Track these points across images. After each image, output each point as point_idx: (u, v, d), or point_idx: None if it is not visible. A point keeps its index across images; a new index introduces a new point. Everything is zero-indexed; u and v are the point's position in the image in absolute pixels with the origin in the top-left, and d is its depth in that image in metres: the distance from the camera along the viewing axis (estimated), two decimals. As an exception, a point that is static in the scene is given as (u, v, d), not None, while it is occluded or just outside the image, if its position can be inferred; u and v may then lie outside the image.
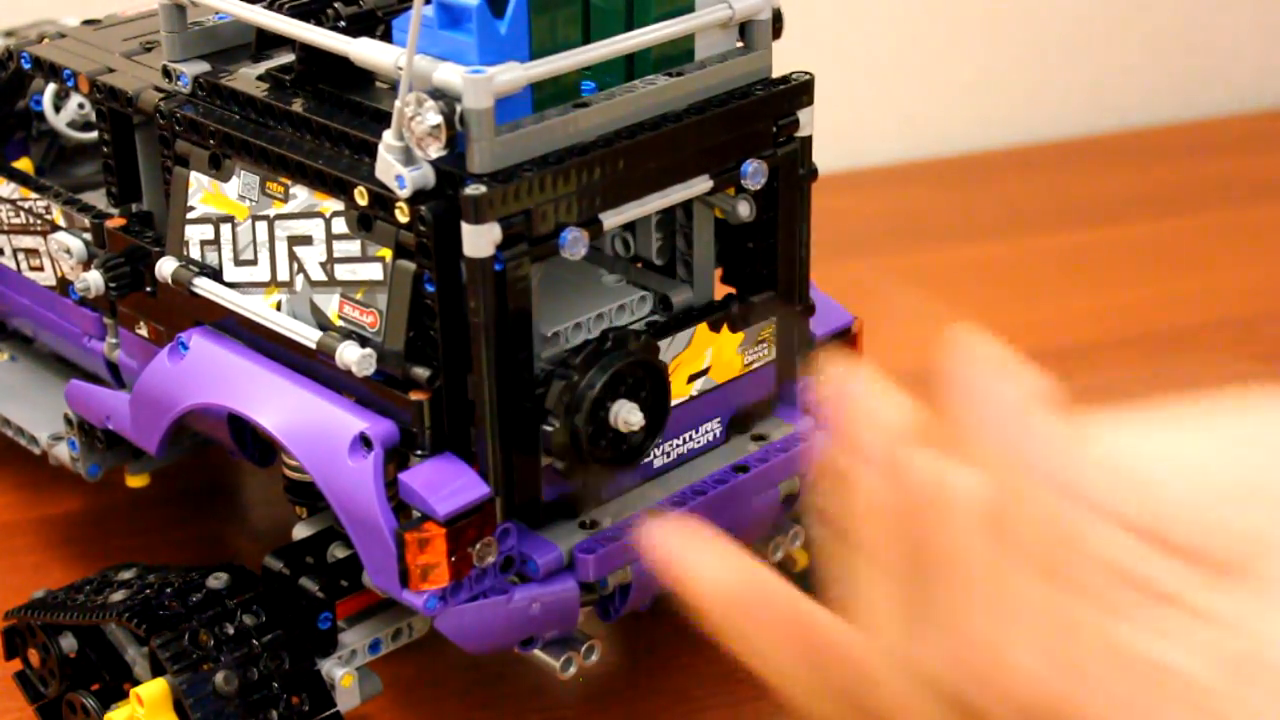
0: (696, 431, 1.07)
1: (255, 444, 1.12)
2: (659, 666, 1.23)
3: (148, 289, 1.13)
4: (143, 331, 1.14)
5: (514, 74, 0.94)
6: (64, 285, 1.20)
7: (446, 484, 0.97)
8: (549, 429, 0.97)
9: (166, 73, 1.10)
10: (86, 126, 1.32)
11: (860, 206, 1.93)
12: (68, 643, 1.14)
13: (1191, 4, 2.13)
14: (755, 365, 1.09)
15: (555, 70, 0.96)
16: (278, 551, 1.11)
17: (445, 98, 0.94)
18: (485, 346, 0.95)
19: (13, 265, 1.25)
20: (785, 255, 1.08)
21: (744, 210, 1.06)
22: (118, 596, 1.09)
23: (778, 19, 1.06)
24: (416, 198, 0.95)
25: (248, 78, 1.07)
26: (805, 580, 1.26)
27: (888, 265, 1.80)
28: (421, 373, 0.97)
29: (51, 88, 1.29)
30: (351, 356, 0.98)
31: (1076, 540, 0.64)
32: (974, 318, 1.35)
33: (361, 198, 0.98)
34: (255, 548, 1.38)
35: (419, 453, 0.99)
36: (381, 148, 0.95)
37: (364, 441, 0.98)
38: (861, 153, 2.03)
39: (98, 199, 1.20)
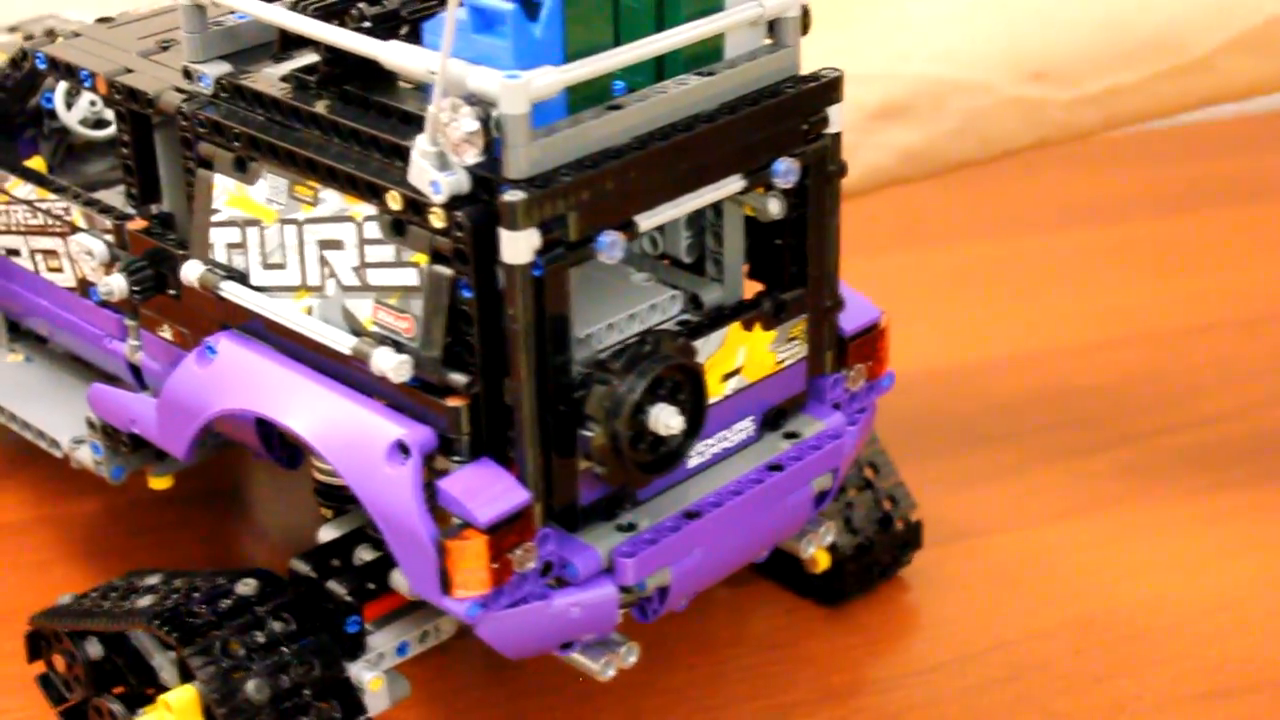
0: (730, 431, 1.07)
1: (283, 447, 1.11)
2: (659, 666, 1.23)
3: (171, 291, 1.12)
4: (166, 334, 1.13)
5: (551, 78, 0.93)
6: (84, 286, 1.19)
7: (486, 490, 0.97)
8: (589, 434, 0.97)
9: (187, 74, 1.08)
10: (98, 124, 1.30)
11: (861, 206, 1.92)
12: (93, 648, 1.13)
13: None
14: (787, 363, 1.09)
15: (592, 73, 0.95)
16: (305, 555, 1.10)
17: (480, 103, 0.93)
18: (524, 352, 0.95)
19: (30, 266, 1.24)
20: (816, 252, 1.08)
21: (774, 208, 1.06)
22: (145, 602, 1.09)
23: (806, 15, 1.05)
24: (452, 203, 0.94)
25: (271, 79, 1.06)
26: (827, 583, 1.27)
27: (889, 265, 1.80)
28: (459, 378, 0.97)
29: (63, 85, 1.27)
30: (387, 363, 0.97)
31: None
32: (974, 318, 1.37)
33: (395, 202, 0.97)
34: (263, 547, 1.39)
35: (456, 459, 0.98)
36: (415, 153, 0.94)
37: (401, 448, 0.98)
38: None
39: (109, 197, 1.19)
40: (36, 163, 1.28)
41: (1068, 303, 1.74)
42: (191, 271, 1.07)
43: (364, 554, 1.10)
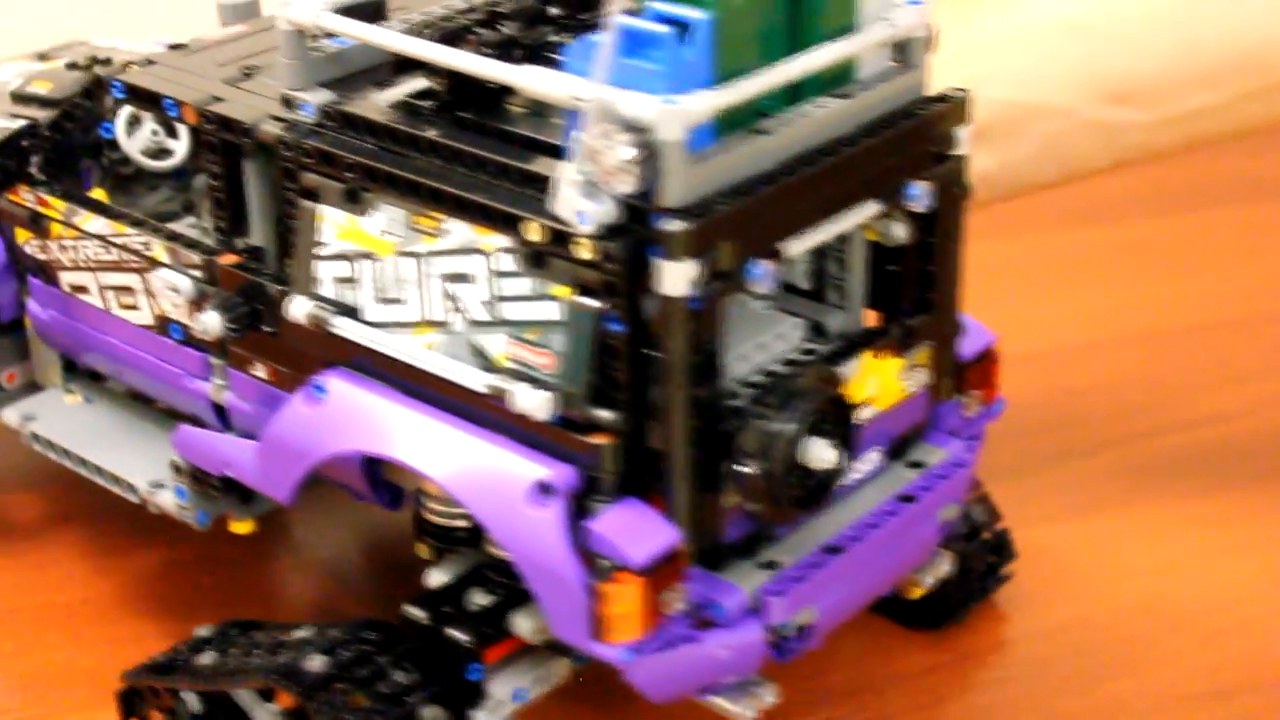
0: (862, 462, 1.04)
1: (386, 488, 1.07)
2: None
3: (265, 328, 1.07)
4: (259, 373, 1.09)
5: (708, 102, 0.90)
6: (163, 324, 1.14)
7: (637, 531, 0.93)
8: (744, 471, 0.93)
9: (288, 102, 1.04)
10: (158, 154, 1.25)
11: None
12: (191, 701, 1.08)
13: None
14: (913, 390, 1.06)
15: (746, 96, 0.92)
16: (417, 600, 1.06)
17: (634, 129, 0.89)
18: (679, 387, 0.91)
19: (99, 303, 1.18)
20: (944, 277, 1.05)
21: (900, 232, 1.04)
22: (257, 658, 1.04)
23: (933, 36, 1.03)
24: (600, 234, 0.91)
25: (380, 106, 1.02)
26: (921, 610, 1.24)
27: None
28: (606, 415, 0.93)
29: (124, 114, 1.22)
30: (529, 400, 0.94)
31: None
32: (974, 318, 1.35)
33: (534, 234, 0.93)
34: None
35: (600, 498, 0.94)
36: (562, 181, 0.91)
37: (544, 489, 0.94)
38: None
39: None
40: (99, 196, 1.23)
41: (1068, 303, 1.72)
42: (299, 308, 1.03)
43: (478, 598, 1.06)
